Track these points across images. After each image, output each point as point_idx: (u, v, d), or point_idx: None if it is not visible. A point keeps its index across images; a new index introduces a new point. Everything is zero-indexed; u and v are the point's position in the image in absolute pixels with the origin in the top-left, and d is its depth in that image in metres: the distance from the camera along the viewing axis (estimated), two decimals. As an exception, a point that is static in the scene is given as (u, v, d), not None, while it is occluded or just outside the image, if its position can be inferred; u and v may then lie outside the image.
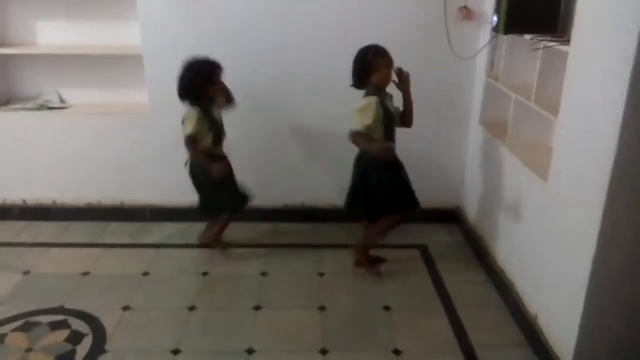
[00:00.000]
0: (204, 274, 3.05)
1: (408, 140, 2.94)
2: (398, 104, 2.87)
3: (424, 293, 2.91)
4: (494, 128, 3.07)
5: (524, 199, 2.65)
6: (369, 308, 2.77)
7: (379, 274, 3.02)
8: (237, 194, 3.10)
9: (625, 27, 1.79)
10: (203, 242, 3.27)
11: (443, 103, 3.43)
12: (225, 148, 3.09)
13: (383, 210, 2.88)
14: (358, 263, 3.05)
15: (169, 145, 3.32)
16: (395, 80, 2.81)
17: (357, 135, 2.72)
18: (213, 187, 3.02)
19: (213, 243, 3.22)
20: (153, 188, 3.60)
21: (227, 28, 3.26)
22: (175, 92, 2.88)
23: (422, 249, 3.34)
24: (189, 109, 2.91)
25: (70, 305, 2.75)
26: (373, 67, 2.72)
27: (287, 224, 3.61)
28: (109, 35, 3.49)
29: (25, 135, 3.51)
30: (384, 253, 3.14)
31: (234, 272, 3.09)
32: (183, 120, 2.94)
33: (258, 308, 2.75)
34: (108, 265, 3.15)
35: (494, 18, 2.63)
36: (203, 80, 2.86)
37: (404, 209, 2.90)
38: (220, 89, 2.95)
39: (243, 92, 3.12)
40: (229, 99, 3.03)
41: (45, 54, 3.45)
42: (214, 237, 3.21)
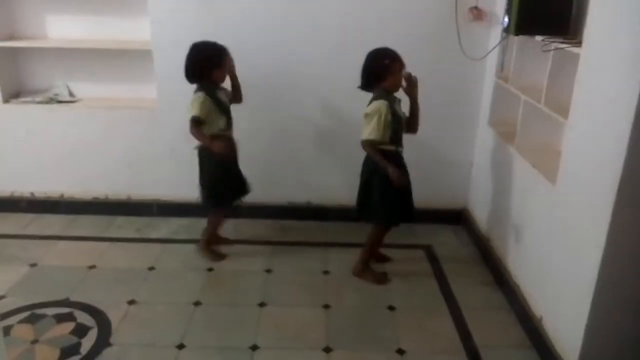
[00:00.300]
0: (210, 270, 3.06)
1: (416, 140, 2.94)
2: (404, 109, 2.84)
3: (429, 294, 2.90)
4: (503, 130, 3.06)
5: (532, 201, 2.63)
6: (374, 307, 2.77)
7: (381, 281, 2.97)
8: (237, 184, 3.06)
9: (638, 29, 1.78)
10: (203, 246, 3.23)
11: (452, 103, 3.42)
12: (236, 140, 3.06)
13: (376, 219, 2.89)
14: (356, 272, 3.01)
15: (177, 141, 3.33)
16: (404, 85, 2.78)
17: (371, 146, 2.70)
18: (217, 172, 2.96)
19: (205, 250, 3.19)
20: (160, 183, 3.61)
21: (237, 25, 3.26)
22: (183, 86, 2.86)
23: (427, 250, 3.33)
24: (196, 93, 2.86)
25: (76, 298, 2.76)
26: (388, 71, 2.69)
27: (292, 222, 3.61)
28: (119, 30, 3.50)
29: (35, 129, 3.53)
30: (390, 253, 3.15)
31: (239, 268, 3.10)
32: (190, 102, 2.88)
33: (263, 305, 2.76)
34: (114, 259, 3.16)
35: (505, 19, 2.62)
36: (208, 61, 2.83)
37: (395, 224, 2.92)
38: (224, 75, 2.90)
39: (251, 89, 3.11)
40: (237, 94, 3.01)
41: (56, 48, 3.46)
42: (205, 242, 3.19)
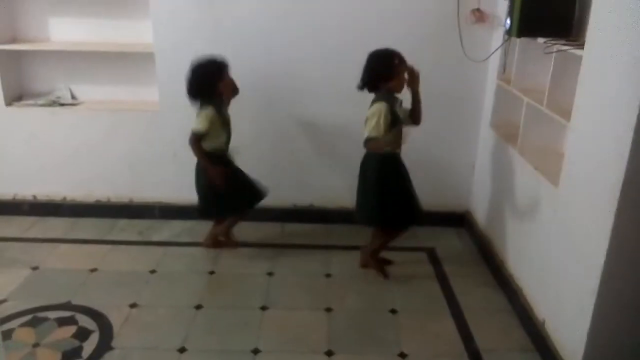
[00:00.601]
0: (211, 273, 3.06)
1: (418, 143, 2.94)
2: (406, 103, 2.85)
3: (431, 296, 2.89)
4: (505, 132, 3.05)
5: (534, 204, 2.63)
6: (376, 310, 2.76)
7: (386, 275, 3.01)
8: (237, 198, 3.09)
9: (640, 31, 1.77)
10: (207, 243, 3.29)
11: (454, 105, 3.41)
12: (232, 149, 3.10)
13: (382, 223, 2.92)
14: (364, 263, 3.06)
15: (179, 144, 3.32)
16: (406, 78, 2.78)
17: (373, 143, 2.71)
18: (209, 188, 3.02)
19: (211, 242, 3.26)
20: (162, 186, 3.61)
21: (238, 27, 3.26)
22: (184, 90, 2.88)
23: (430, 252, 3.33)
24: (204, 108, 2.91)
25: (78, 302, 2.76)
26: (396, 72, 2.70)
27: (295, 225, 3.62)
28: (121, 33, 3.51)
29: (37, 131, 3.53)
30: (392, 256, 3.15)
31: (241, 271, 3.09)
32: (197, 115, 2.94)
33: (265, 308, 2.75)
34: (116, 262, 3.16)
35: (507, 21, 2.61)
36: (212, 78, 2.88)
37: (400, 228, 2.94)
38: (229, 84, 2.95)
39: (253, 91, 3.12)
40: (235, 90, 3.03)
41: (58, 51, 3.47)
42: (213, 237, 3.26)
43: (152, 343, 2.49)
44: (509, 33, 2.62)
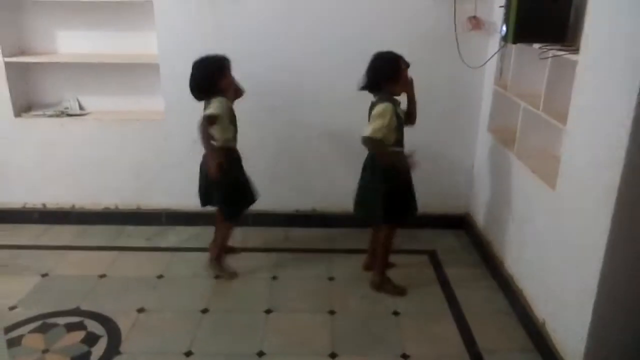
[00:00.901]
0: (217, 278, 3.10)
1: (417, 147, 2.96)
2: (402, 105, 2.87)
3: (433, 299, 2.93)
4: (503, 136, 3.09)
5: (532, 207, 2.66)
6: (378, 313, 2.80)
7: (404, 291, 2.97)
8: (246, 194, 3.06)
9: (635, 36, 1.81)
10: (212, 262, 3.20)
11: (452, 111, 3.46)
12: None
13: (378, 219, 2.91)
14: (375, 286, 3.00)
15: (185, 152, 3.40)
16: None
17: (373, 143, 2.71)
18: (229, 187, 2.98)
19: (216, 266, 3.16)
20: (169, 193, 3.67)
21: (242, 38, 3.32)
22: (190, 98, 2.89)
23: (431, 255, 3.37)
24: (215, 99, 2.86)
25: (87, 307, 2.81)
26: (400, 75, 2.74)
27: (298, 229, 3.65)
28: (127, 44, 3.57)
29: (46, 141, 3.60)
30: (394, 259, 3.16)
31: (246, 276, 3.13)
32: (206, 106, 2.87)
33: (269, 312, 2.80)
34: (124, 268, 3.21)
35: (503, 27, 2.65)
36: (214, 75, 2.87)
37: (397, 222, 2.93)
38: (230, 82, 2.94)
39: (256, 97, 3.16)
40: (239, 91, 3.02)
41: (66, 63, 3.53)
42: (217, 258, 3.16)
43: (159, 347, 2.53)
44: (505, 39, 2.66)
